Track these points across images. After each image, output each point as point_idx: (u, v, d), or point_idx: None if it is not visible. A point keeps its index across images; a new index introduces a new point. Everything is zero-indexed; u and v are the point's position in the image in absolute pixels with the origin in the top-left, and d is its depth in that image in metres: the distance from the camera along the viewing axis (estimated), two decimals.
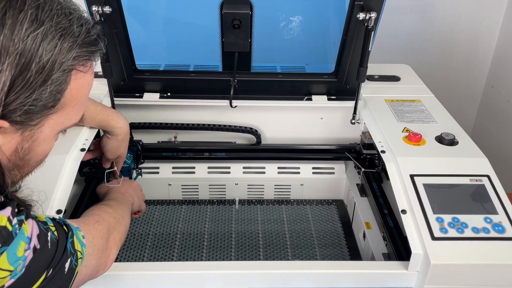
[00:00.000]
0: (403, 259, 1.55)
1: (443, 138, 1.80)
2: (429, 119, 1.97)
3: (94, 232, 1.35)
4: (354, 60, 2.05)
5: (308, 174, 2.30)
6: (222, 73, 2.18)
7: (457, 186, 1.59)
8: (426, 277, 1.39)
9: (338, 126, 2.29)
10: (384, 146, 1.83)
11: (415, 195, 1.56)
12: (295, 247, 2.04)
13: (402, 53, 3.33)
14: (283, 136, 2.32)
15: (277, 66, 2.28)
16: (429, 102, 2.12)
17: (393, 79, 2.34)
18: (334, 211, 2.27)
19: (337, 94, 2.21)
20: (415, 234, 1.47)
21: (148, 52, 2.26)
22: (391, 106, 2.07)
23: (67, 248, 1.16)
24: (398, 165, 1.68)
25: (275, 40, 2.23)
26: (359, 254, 2.01)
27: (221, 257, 1.98)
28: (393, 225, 1.75)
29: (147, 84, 2.18)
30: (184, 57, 2.29)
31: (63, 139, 1.72)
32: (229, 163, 2.30)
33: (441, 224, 1.46)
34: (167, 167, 2.28)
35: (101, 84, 2.12)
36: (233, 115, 2.26)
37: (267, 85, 2.20)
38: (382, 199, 1.92)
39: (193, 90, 2.18)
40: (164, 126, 2.23)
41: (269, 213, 2.25)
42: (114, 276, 1.44)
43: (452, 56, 3.38)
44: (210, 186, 2.31)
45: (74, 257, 1.19)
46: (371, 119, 2.02)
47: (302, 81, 2.20)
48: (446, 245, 1.41)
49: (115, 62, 2.04)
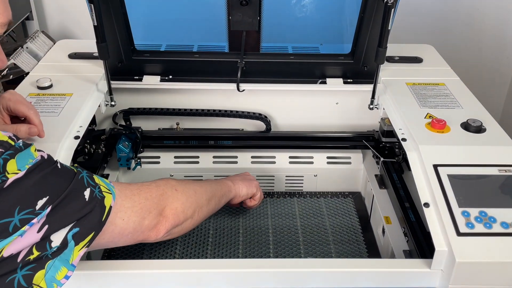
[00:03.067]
0: (425, 256, 1.54)
1: (469, 124, 1.79)
2: (454, 104, 1.97)
3: (136, 190, 1.46)
4: (373, 40, 2.05)
5: (322, 164, 2.30)
6: (228, 54, 2.17)
7: (485, 177, 1.59)
8: (451, 276, 1.39)
9: (355, 111, 2.29)
10: (405, 134, 1.82)
11: (438, 187, 1.55)
12: (308, 243, 2.04)
13: (425, 32, 3.31)
14: (295, 123, 2.32)
15: (288, 46, 2.28)
16: (454, 86, 2.11)
17: (415, 60, 2.33)
18: (350, 205, 2.27)
19: (354, 77, 2.20)
20: (439, 230, 1.47)
21: (148, 31, 2.25)
22: (413, 90, 2.07)
23: (83, 177, 1.28)
24: (420, 154, 1.67)
25: (286, 18, 2.22)
26: (378, 251, 2.01)
27: (227, 254, 1.98)
28: (415, 219, 1.75)
29: (147, 66, 2.18)
30: (187, 37, 2.29)
31: (55, 126, 1.72)
32: (236, 152, 2.30)
33: (467, 218, 1.45)
34: (168, 156, 2.28)
35: (97, 66, 2.13)
36: (241, 99, 2.25)
37: (278, 67, 2.19)
38: (403, 191, 1.91)
39: (197, 72, 2.18)
40: (165, 112, 2.23)
41: (279, 207, 2.24)
42: (113, 275, 1.44)
43: (479, 36, 3.36)
44: (215, 177, 2.30)
45: (97, 189, 1.29)
46: (391, 104, 2.01)
47: (315, 63, 2.20)
48: (472, 242, 1.40)
49: (111, 42, 2.04)
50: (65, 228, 1.19)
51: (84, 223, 1.23)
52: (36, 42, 2.39)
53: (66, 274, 1.22)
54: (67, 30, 3.33)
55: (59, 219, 1.18)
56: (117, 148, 2.10)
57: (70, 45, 2.42)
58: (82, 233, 1.23)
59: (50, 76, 2.05)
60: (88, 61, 2.23)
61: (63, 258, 1.21)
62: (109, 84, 2.05)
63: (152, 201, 1.47)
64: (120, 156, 2.10)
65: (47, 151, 1.57)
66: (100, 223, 1.28)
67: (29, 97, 1.91)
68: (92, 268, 1.45)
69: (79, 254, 1.24)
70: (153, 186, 1.53)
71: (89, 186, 1.27)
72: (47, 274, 1.18)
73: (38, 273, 1.16)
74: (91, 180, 1.30)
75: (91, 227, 1.25)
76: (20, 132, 1.59)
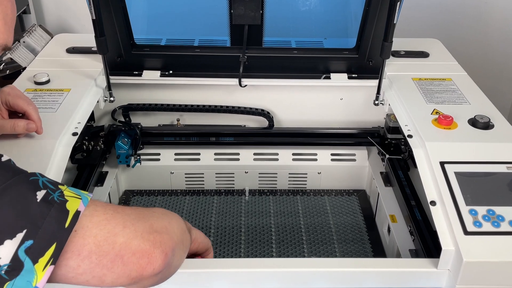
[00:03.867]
0: (432, 256, 1.55)
1: (477, 121, 1.79)
2: (462, 100, 1.96)
3: (114, 215, 1.11)
4: (378, 34, 2.05)
5: (326, 161, 2.30)
6: (230, 49, 2.17)
7: (493, 175, 1.58)
8: (458, 276, 1.39)
9: (359, 107, 2.28)
10: (411, 130, 1.82)
11: (445, 185, 1.55)
12: (311, 242, 2.04)
13: (432, 26, 3.31)
14: (298, 119, 2.32)
15: (291, 40, 2.28)
16: (461, 81, 2.11)
17: (421, 55, 2.33)
18: (355, 203, 2.27)
19: (358, 72, 2.20)
20: (445, 228, 1.46)
21: (148, 24, 2.26)
22: (419, 85, 2.06)
23: (37, 180, 1.03)
24: (426, 151, 1.67)
25: (289, 12, 2.22)
26: (383, 251, 2.01)
27: (229, 253, 1.98)
28: (421, 218, 1.75)
29: (147, 60, 2.18)
30: (188, 31, 2.29)
31: (52, 122, 1.72)
32: (238, 149, 2.30)
33: (475, 217, 1.45)
34: (169, 153, 2.28)
35: (95, 61, 2.13)
36: (243, 95, 2.25)
37: (281, 62, 2.19)
38: (409, 189, 1.92)
39: (198, 67, 2.18)
40: (165, 107, 2.23)
41: (282, 205, 2.25)
42: None
43: (487, 29, 3.36)
44: (216, 175, 2.31)
45: (56, 193, 1.03)
46: (397, 100, 2.01)
47: (319, 58, 2.20)
48: (480, 241, 1.40)
49: (110, 36, 2.04)
50: (11, 241, 0.94)
51: (39, 233, 0.97)
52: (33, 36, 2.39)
53: None
54: (65, 24, 3.33)
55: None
56: (116, 145, 2.09)
57: (68, 39, 2.42)
58: (38, 247, 0.97)
59: (47, 71, 2.05)
60: (87, 56, 2.23)
61: (24, 280, 0.96)
62: (108, 79, 2.05)
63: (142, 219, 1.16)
64: (119, 153, 2.10)
65: (45, 148, 1.58)
66: (63, 231, 1.00)
67: (26, 93, 1.91)
68: None
69: (44, 275, 0.97)
70: (138, 213, 1.17)
71: (46, 188, 1.02)
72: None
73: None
74: (51, 184, 1.05)
75: (49, 238, 0.98)
76: (18, 128, 1.59)
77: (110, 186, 2.11)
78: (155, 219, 1.17)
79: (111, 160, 2.21)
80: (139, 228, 1.11)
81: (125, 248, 1.07)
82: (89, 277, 1.05)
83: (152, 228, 1.14)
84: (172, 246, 1.17)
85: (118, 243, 1.06)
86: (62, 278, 1.04)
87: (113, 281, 1.07)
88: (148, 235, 1.12)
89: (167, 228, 1.18)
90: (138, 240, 1.09)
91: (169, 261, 1.15)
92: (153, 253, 1.10)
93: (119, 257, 1.06)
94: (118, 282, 1.08)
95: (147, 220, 1.15)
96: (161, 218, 1.19)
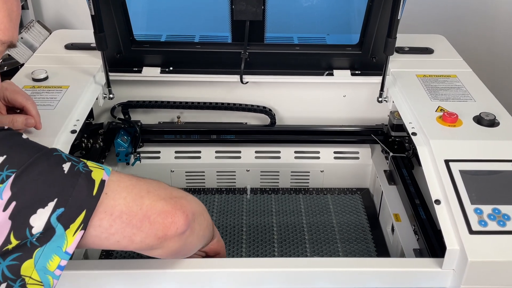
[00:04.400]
0: (437, 255, 1.54)
1: (482, 118, 1.79)
2: (467, 97, 1.96)
3: (138, 182, 1.25)
4: (382, 30, 2.04)
5: (329, 159, 2.30)
6: (231, 45, 2.17)
7: (498, 173, 1.58)
8: (463, 276, 1.39)
9: (363, 104, 2.28)
10: (416, 128, 1.82)
11: (450, 183, 1.55)
12: (314, 242, 2.04)
13: (436, 21, 3.31)
14: (301, 116, 2.32)
15: (294, 36, 2.27)
16: (466, 78, 2.11)
17: (425, 51, 2.33)
18: (358, 201, 2.27)
19: (362, 69, 2.20)
20: (450, 228, 1.46)
21: (147, 20, 2.26)
22: (423, 82, 2.06)
23: (60, 155, 1.13)
24: (431, 149, 1.67)
25: (291, 7, 2.22)
26: (387, 250, 2.01)
27: (230, 253, 1.98)
28: (425, 217, 1.75)
29: (147, 57, 2.18)
30: (189, 27, 2.29)
31: (51, 120, 1.72)
32: (240, 146, 2.30)
33: (480, 216, 1.45)
34: (169, 151, 2.29)
35: (94, 58, 2.13)
36: (244, 92, 2.25)
37: (283, 59, 2.19)
38: (413, 188, 1.91)
39: (198, 64, 2.18)
40: (165, 105, 2.23)
41: (284, 204, 2.25)
42: (111, 275, 1.44)
43: (493, 25, 3.36)
44: (217, 173, 2.31)
45: (81, 164, 1.14)
46: (401, 97, 2.01)
47: (322, 54, 2.20)
48: (485, 240, 1.40)
49: (110, 32, 2.04)
50: (44, 209, 1.04)
51: (69, 201, 1.07)
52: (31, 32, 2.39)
53: (59, 263, 1.08)
54: (63, 19, 3.34)
55: (29, 193, 1.04)
56: (116, 142, 2.10)
57: (66, 35, 2.42)
58: (69, 214, 1.07)
59: (45, 68, 2.04)
60: (86, 52, 2.23)
61: (54, 245, 1.07)
62: (107, 76, 2.05)
63: (162, 187, 1.28)
64: (118, 151, 2.10)
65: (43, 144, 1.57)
66: (91, 199, 1.11)
67: (24, 90, 1.91)
68: (89, 267, 1.45)
69: (74, 240, 1.09)
70: (159, 184, 1.31)
71: (70, 161, 1.12)
72: (37, 264, 1.06)
73: (25, 263, 1.05)
74: (72, 157, 1.15)
75: (79, 205, 1.09)
76: (17, 123, 1.59)
77: None
78: (172, 189, 1.31)
79: (110, 158, 2.21)
80: (161, 193, 1.25)
81: (151, 209, 1.20)
82: (121, 237, 1.17)
83: (172, 194, 1.27)
84: (192, 210, 1.29)
85: (145, 204, 1.20)
86: (96, 241, 1.16)
87: (141, 240, 1.20)
88: (170, 199, 1.24)
89: (185, 197, 1.30)
90: (162, 203, 1.22)
91: (190, 224, 1.27)
92: (175, 213, 1.23)
93: (146, 217, 1.19)
94: (146, 242, 1.21)
95: (166, 188, 1.29)
96: (178, 190, 1.33)
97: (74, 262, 1.42)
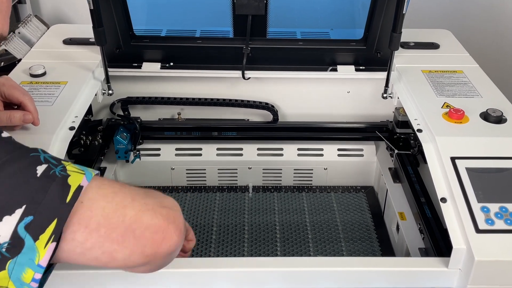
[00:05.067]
0: (442, 255, 1.54)
1: (489, 114, 1.78)
2: (473, 93, 1.96)
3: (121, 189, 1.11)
4: (386, 25, 2.04)
5: (332, 157, 2.30)
6: (233, 40, 2.17)
7: (506, 171, 1.58)
8: (470, 275, 1.39)
9: (367, 101, 2.28)
10: (421, 124, 1.82)
11: (456, 181, 1.55)
12: (317, 241, 2.04)
13: (442, 16, 3.30)
14: (304, 113, 2.32)
15: (297, 31, 2.27)
16: (473, 73, 2.10)
17: (431, 46, 2.32)
18: (362, 200, 2.27)
19: (366, 64, 2.20)
20: (456, 226, 1.46)
21: (147, 15, 2.25)
22: (429, 77, 2.06)
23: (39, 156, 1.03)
24: (437, 146, 1.67)
25: (294, 1, 2.22)
26: (391, 249, 2.01)
27: (232, 252, 1.99)
28: (431, 215, 1.75)
29: (147, 52, 2.18)
30: (190, 21, 2.29)
31: (48, 116, 1.72)
32: (242, 143, 2.30)
33: (487, 214, 1.45)
34: (169, 148, 2.29)
35: (93, 53, 2.13)
36: (246, 88, 2.25)
37: (286, 54, 2.19)
38: (418, 186, 1.92)
39: (199, 59, 2.18)
40: (166, 101, 2.23)
41: (287, 202, 2.25)
42: (109, 275, 1.44)
43: (500, 19, 3.35)
44: (219, 171, 2.31)
45: (58, 168, 1.02)
46: (406, 93, 2.00)
47: (325, 49, 2.20)
48: (492, 239, 1.40)
49: (109, 26, 2.04)
50: (11, 216, 0.94)
51: (39, 209, 0.96)
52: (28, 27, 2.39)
53: (33, 276, 0.97)
54: (61, 14, 3.33)
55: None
56: (115, 139, 2.09)
57: (64, 30, 2.42)
58: (38, 223, 0.96)
59: (43, 63, 2.04)
60: (84, 47, 2.23)
61: (26, 258, 0.96)
62: (106, 71, 2.05)
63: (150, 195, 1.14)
64: (118, 148, 2.10)
65: (41, 142, 1.57)
66: (64, 206, 0.98)
67: (22, 85, 1.91)
68: (87, 267, 1.44)
69: (46, 253, 0.97)
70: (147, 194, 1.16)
71: (47, 163, 1.01)
72: (11, 275, 0.96)
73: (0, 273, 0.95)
74: (53, 159, 1.04)
75: (50, 213, 0.97)
76: (14, 119, 1.59)
77: None
78: (163, 197, 1.16)
79: (109, 155, 2.21)
80: (149, 202, 1.10)
81: (136, 222, 1.05)
82: (99, 252, 1.03)
83: (162, 204, 1.12)
84: (183, 222, 1.15)
85: (128, 215, 1.05)
86: (70, 255, 1.02)
87: (125, 258, 1.05)
88: (160, 209, 1.10)
89: (176, 205, 1.16)
90: (150, 214, 1.07)
91: (183, 239, 1.14)
92: (167, 228, 1.08)
93: (130, 231, 1.04)
94: (131, 260, 1.06)
95: (156, 197, 1.14)
96: (167, 198, 1.17)
97: None
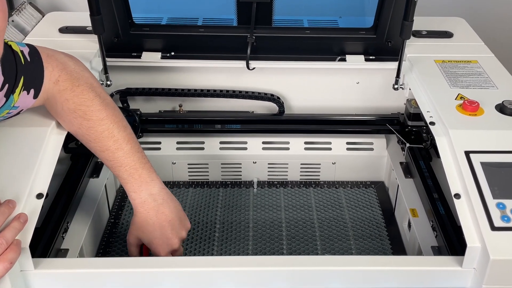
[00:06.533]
0: (456, 253, 1.54)
1: (505, 106, 1.78)
2: (488, 84, 1.96)
3: None
4: (397, 13, 2.04)
5: (341, 151, 2.30)
6: (237, 28, 2.17)
7: None
8: (485, 275, 1.39)
9: (377, 92, 2.28)
10: (434, 117, 1.82)
11: (471, 176, 1.54)
12: (325, 238, 2.04)
13: (456, 3, 3.30)
14: (311, 105, 2.32)
15: (304, 19, 2.27)
16: (488, 63, 2.10)
17: (444, 35, 2.32)
18: (373, 195, 2.27)
19: (376, 54, 2.20)
20: (471, 224, 1.46)
21: (147, 2, 2.25)
22: (442, 68, 2.06)
23: None
24: (450, 140, 1.67)
25: None
26: (403, 248, 2.01)
27: (235, 251, 1.99)
28: (444, 212, 1.75)
29: (146, 41, 2.18)
30: (192, 9, 2.29)
31: (44, 108, 1.72)
32: (246, 137, 2.29)
33: (503, 211, 1.45)
34: (170, 141, 2.28)
35: (91, 42, 2.12)
36: (251, 78, 2.25)
37: (292, 43, 2.19)
38: (431, 181, 1.91)
39: (202, 48, 2.18)
40: (166, 92, 2.23)
41: (294, 198, 2.25)
42: (108, 274, 1.44)
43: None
44: (222, 165, 2.31)
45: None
46: (418, 84, 2.00)
47: (334, 38, 2.20)
48: (508, 237, 1.40)
49: (107, 14, 2.04)
50: None
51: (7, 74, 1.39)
52: (23, 14, 2.39)
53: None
54: (57, 1, 3.33)
55: None
56: None
57: (60, 18, 2.42)
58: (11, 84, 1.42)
59: None
60: (81, 36, 2.23)
61: (8, 105, 1.44)
62: (104, 61, 2.05)
63: None
64: None
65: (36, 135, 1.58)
66: (21, 67, 1.45)
67: None
68: (85, 266, 1.45)
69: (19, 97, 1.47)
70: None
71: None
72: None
73: None
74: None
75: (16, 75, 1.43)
76: None
77: (107, 178, 2.11)
78: None
79: None
80: None
81: None
82: None
83: None
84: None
85: None
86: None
87: None
88: None
89: None
90: None
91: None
92: None
93: None
94: None
95: None
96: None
97: (70, 261, 1.42)
